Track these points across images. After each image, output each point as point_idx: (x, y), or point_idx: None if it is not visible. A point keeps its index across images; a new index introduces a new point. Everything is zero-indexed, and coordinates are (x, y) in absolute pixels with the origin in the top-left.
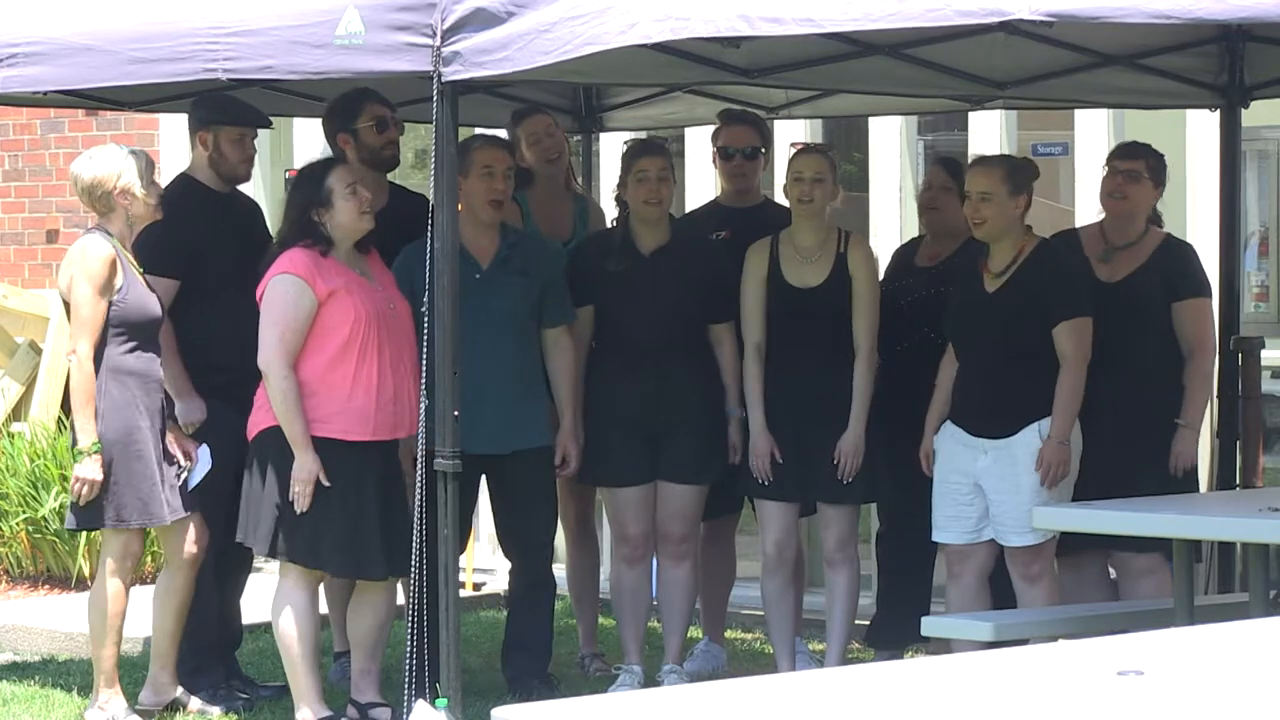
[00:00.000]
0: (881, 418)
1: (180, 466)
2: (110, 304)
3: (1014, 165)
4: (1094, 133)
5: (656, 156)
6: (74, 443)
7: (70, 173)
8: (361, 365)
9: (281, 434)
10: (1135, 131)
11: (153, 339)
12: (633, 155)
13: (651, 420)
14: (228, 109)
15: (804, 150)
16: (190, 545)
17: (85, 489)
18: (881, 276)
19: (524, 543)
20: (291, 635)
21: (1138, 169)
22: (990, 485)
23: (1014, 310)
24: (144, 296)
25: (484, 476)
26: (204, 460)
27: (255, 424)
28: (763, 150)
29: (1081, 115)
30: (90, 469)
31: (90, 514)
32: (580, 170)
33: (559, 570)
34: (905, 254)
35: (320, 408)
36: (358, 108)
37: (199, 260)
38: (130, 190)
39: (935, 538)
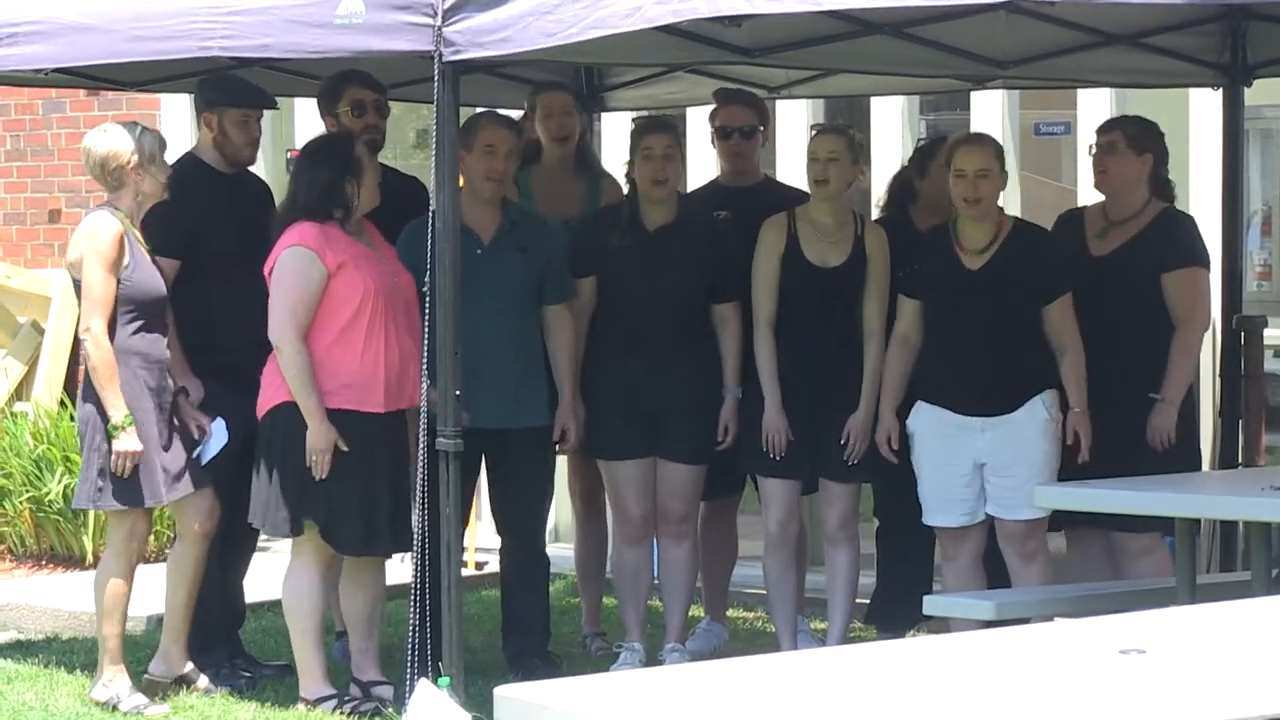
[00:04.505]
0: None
1: (195, 441)
2: (118, 282)
3: (997, 143)
4: (1096, 112)
5: (662, 134)
6: (95, 420)
7: (83, 147)
8: (370, 337)
9: (292, 410)
10: (1138, 110)
11: (158, 318)
12: (639, 133)
13: (650, 397)
14: (232, 90)
15: (820, 130)
16: (203, 520)
17: (126, 462)
18: None
19: (517, 522)
20: (300, 613)
21: (1114, 140)
22: (997, 462)
23: (1008, 287)
24: (151, 275)
25: (483, 454)
26: (219, 434)
27: (265, 402)
28: (761, 129)
29: (1084, 95)
30: (128, 442)
31: (98, 493)
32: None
33: (565, 549)
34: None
35: (330, 380)
36: (338, 92)
37: (201, 241)
38: (138, 166)
39: (929, 521)
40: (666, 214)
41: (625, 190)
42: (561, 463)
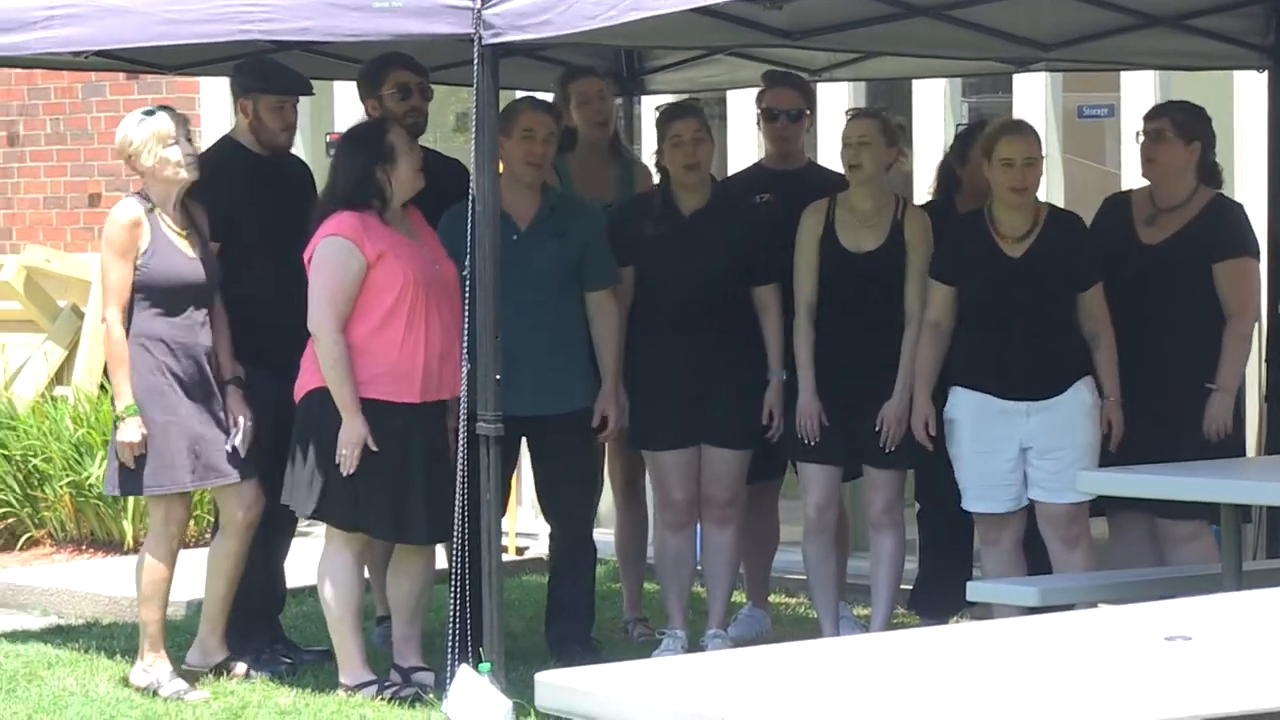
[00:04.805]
0: None
1: (229, 434)
2: (135, 268)
3: (1035, 129)
4: (1140, 95)
5: (690, 119)
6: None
7: None
8: (410, 327)
9: (328, 396)
10: (1182, 93)
11: (187, 304)
12: (666, 120)
13: (692, 383)
14: (268, 76)
15: (853, 115)
16: (243, 511)
17: (128, 453)
18: None
19: (563, 508)
20: (336, 599)
21: (1161, 128)
22: (1042, 446)
23: (1049, 274)
24: (174, 261)
25: (524, 439)
26: (241, 433)
27: (302, 386)
28: (807, 112)
29: (1127, 77)
30: (128, 432)
31: (120, 479)
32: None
33: (605, 535)
34: (939, 213)
35: (368, 369)
36: (381, 74)
37: (236, 224)
38: (139, 155)
39: (970, 507)
40: (700, 198)
41: (656, 177)
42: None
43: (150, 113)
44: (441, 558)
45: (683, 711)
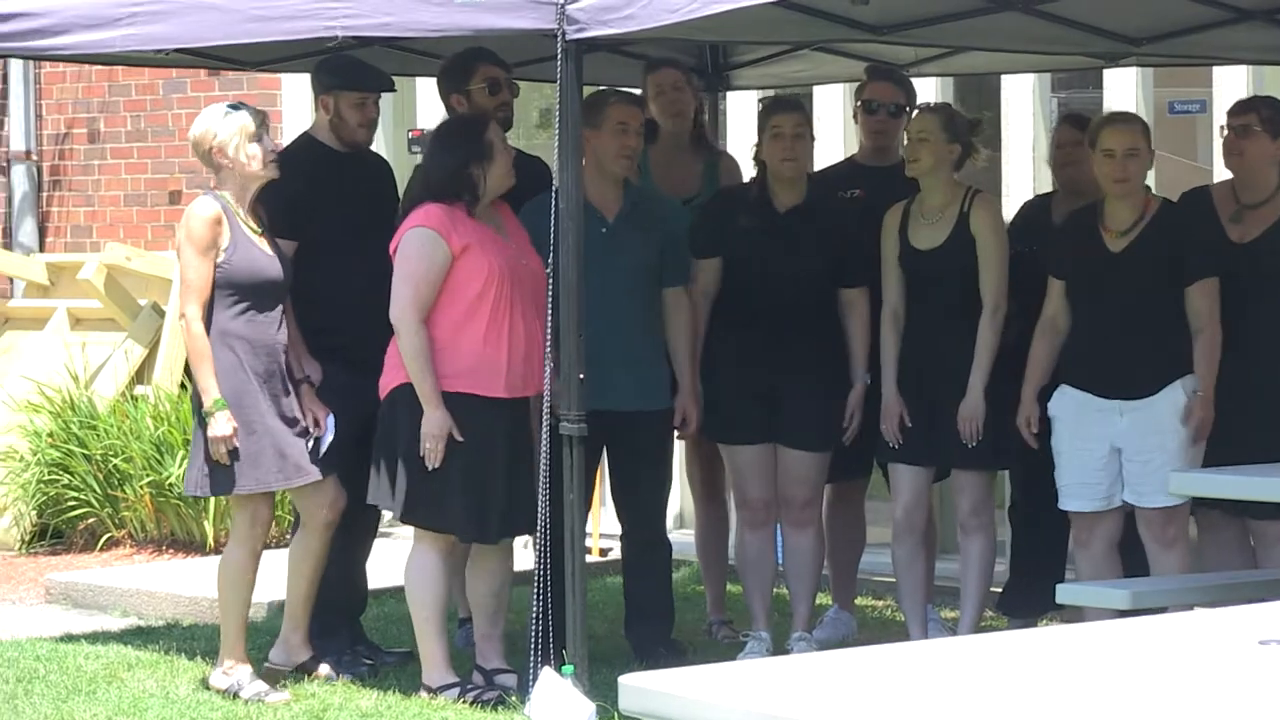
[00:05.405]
0: (1015, 379)
1: (310, 432)
2: (216, 266)
3: (1143, 121)
4: (1232, 90)
5: (792, 113)
6: (199, 405)
7: None
8: (494, 321)
9: (413, 392)
10: (1275, 88)
11: (268, 301)
12: (768, 111)
13: (772, 381)
14: (349, 73)
15: (916, 111)
16: (324, 509)
17: (220, 447)
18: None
19: (635, 506)
20: (422, 600)
21: (1248, 122)
22: (1133, 447)
23: (1149, 269)
24: (255, 258)
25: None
26: (329, 430)
27: (387, 382)
28: (907, 109)
29: (1219, 72)
30: (221, 427)
31: (205, 480)
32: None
33: (688, 536)
34: (1037, 212)
35: (451, 363)
36: (470, 69)
37: (314, 220)
38: (224, 148)
39: (1064, 506)
40: (796, 195)
41: (753, 170)
42: (679, 447)
43: (235, 107)
44: (527, 559)
45: (767, 715)
